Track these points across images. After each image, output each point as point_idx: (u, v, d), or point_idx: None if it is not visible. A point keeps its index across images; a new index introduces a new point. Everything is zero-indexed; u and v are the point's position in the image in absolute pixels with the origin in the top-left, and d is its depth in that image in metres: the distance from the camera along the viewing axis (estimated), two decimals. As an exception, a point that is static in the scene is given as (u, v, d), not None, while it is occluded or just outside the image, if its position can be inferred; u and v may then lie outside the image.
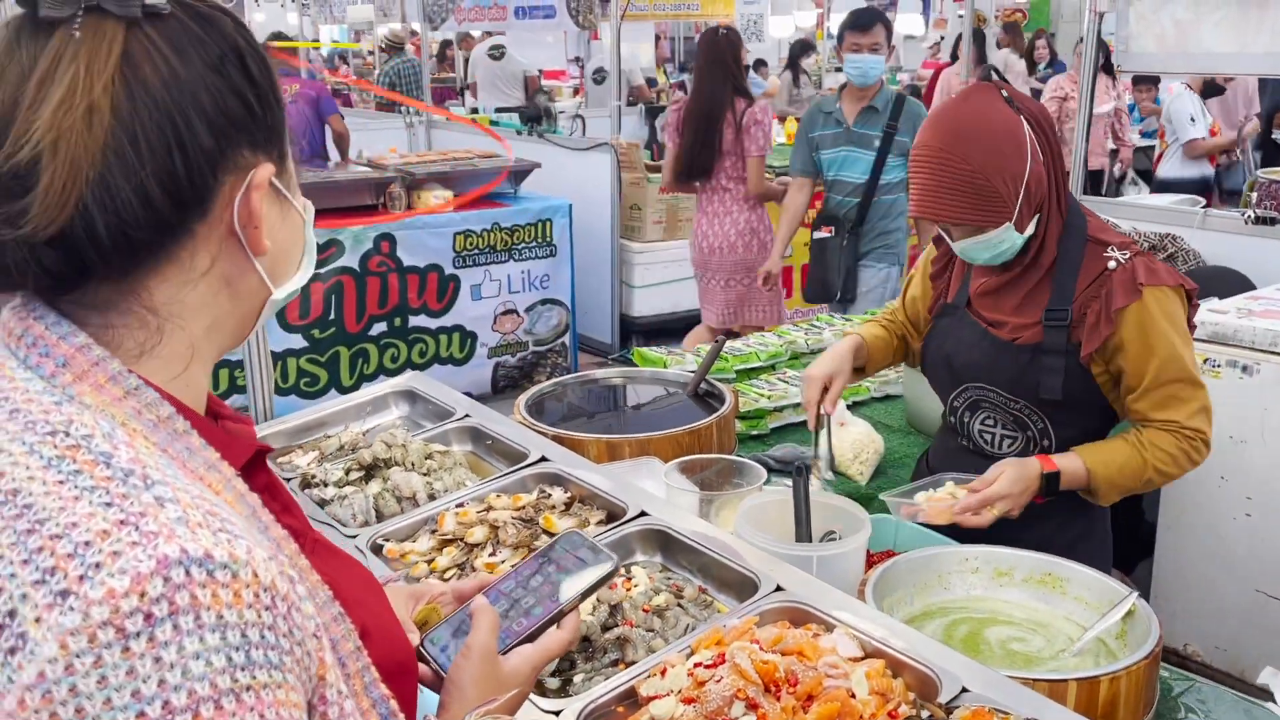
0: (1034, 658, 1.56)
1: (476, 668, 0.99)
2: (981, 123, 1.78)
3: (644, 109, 8.09)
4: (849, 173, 4.20)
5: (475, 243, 5.09)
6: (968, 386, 2.00)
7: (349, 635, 0.82)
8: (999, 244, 1.84)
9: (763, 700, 1.22)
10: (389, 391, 2.36)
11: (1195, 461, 1.87)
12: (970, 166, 1.76)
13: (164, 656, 0.63)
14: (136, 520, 0.66)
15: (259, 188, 0.81)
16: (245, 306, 0.86)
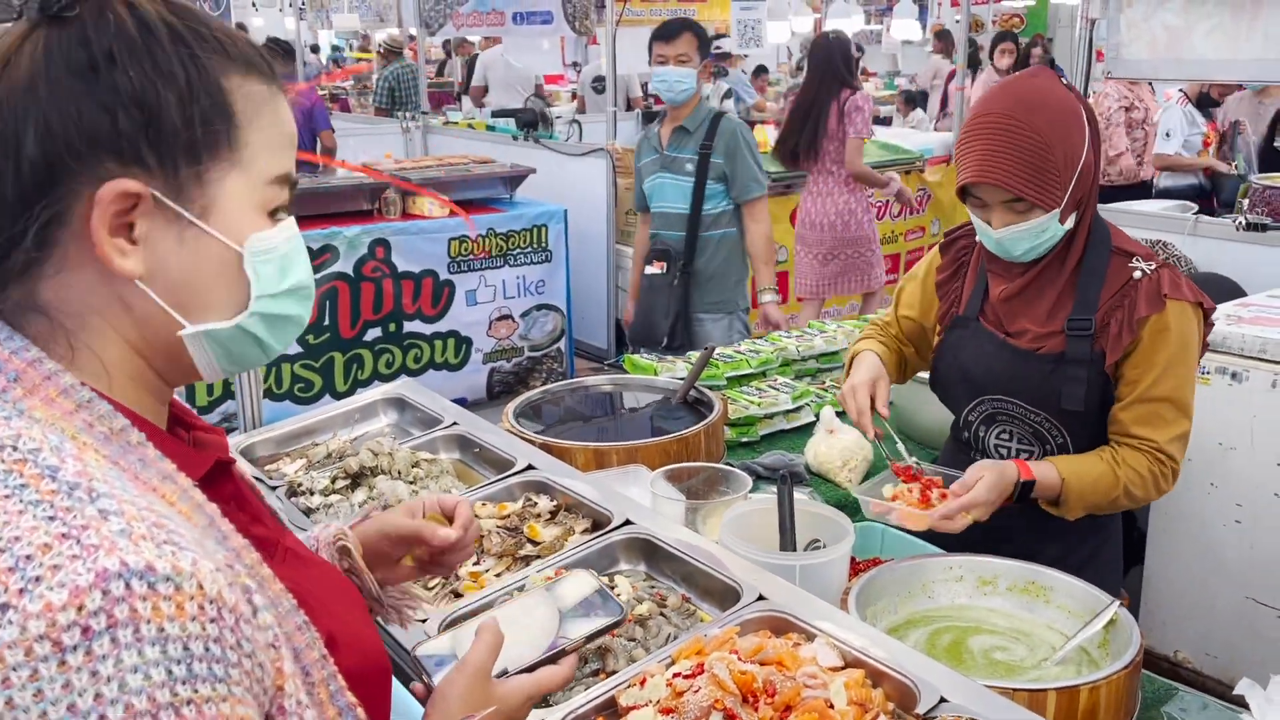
0: (1016, 667, 1.56)
1: (467, 682, 0.98)
2: (1049, 97, 1.74)
3: (640, 114, 8.09)
4: (668, 202, 3.89)
5: (470, 248, 5.10)
6: (984, 399, 1.94)
7: (313, 644, 0.82)
8: (1041, 233, 1.77)
9: (740, 711, 1.22)
10: (378, 399, 2.37)
11: (1162, 489, 1.83)
12: (1036, 135, 1.70)
13: (100, 670, 0.63)
14: (78, 534, 0.66)
15: (101, 203, 0.76)
16: (160, 336, 0.82)
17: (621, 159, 5.88)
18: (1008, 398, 1.90)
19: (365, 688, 0.87)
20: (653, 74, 3.81)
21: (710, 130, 3.74)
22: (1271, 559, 2.64)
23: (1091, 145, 1.76)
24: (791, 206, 6.09)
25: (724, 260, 3.87)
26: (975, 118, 1.77)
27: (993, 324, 1.92)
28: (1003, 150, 1.71)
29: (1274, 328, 2.66)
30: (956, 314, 1.99)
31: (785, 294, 6.17)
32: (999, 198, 1.75)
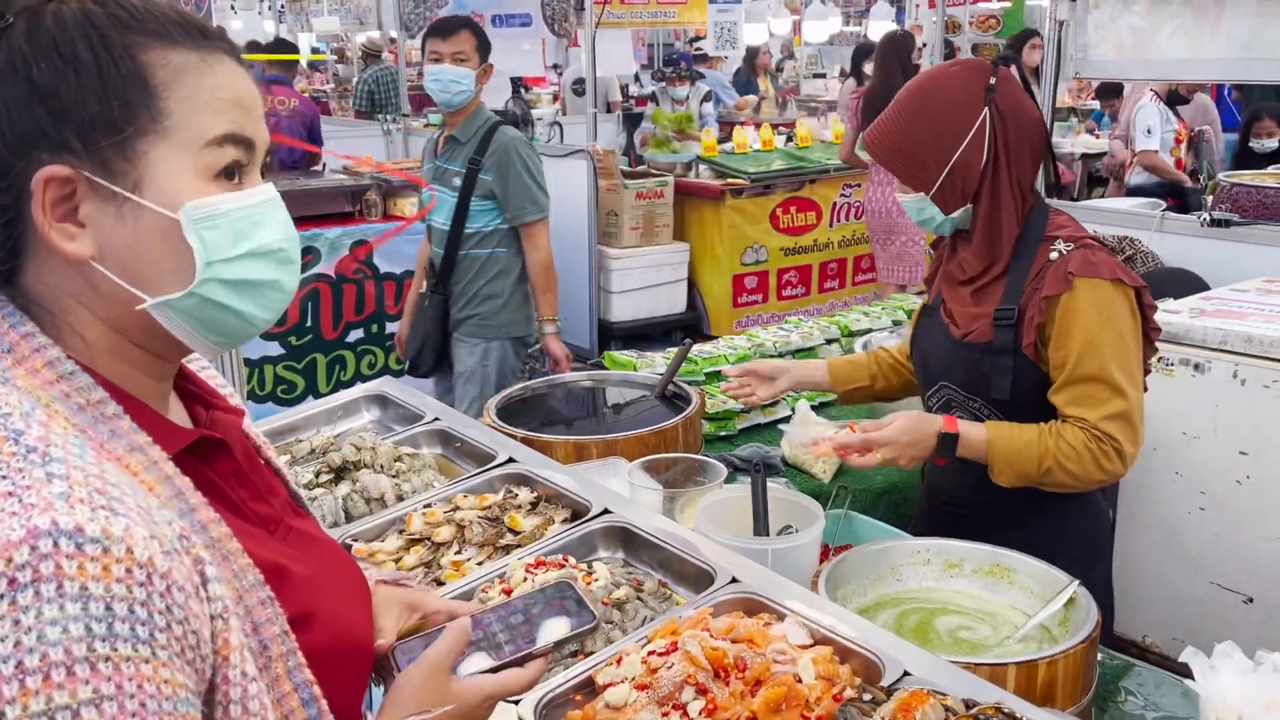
0: (980, 645, 1.62)
1: (423, 676, 0.98)
2: (939, 94, 1.83)
3: (620, 116, 8.14)
4: (436, 216, 3.60)
5: (452, 249, 5.13)
6: (940, 386, 2.01)
7: (276, 619, 0.84)
8: (920, 211, 1.90)
9: (712, 685, 1.27)
10: (360, 396, 2.41)
11: (1105, 470, 1.80)
12: (905, 125, 1.84)
13: (22, 620, 0.66)
14: (21, 493, 0.71)
15: (34, 192, 0.80)
16: (128, 311, 0.85)
17: (603, 160, 5.93)
18: (951, 384, 1.97)
19: (336, 668, 0.90)
20: (425, 72, 3.46)
21: (483, 143, 3.40)
22: (1234, 545, 2.72)
23: (980, 148, 1.81)
24: (771, 206, 6.17)
25: (491, 283, 3.52)
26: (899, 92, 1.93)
27: (945, 311, 1.99)
28: (881, 123, 1.88)
29: (1235, 320, 2.73)
30: (927, 304, 2.08)
31: (766, 294, 6.25)
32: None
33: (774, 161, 6.35)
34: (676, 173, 6.28)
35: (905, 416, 1.86)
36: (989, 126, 1.82)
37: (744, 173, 6.11)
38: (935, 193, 1.85)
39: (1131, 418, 1.81)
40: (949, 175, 1.83)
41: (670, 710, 1.25)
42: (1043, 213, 1.90)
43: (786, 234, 6.28)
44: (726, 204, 6.01)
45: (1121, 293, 1.81)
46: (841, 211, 6.48)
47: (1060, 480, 1.82)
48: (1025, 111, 1.87)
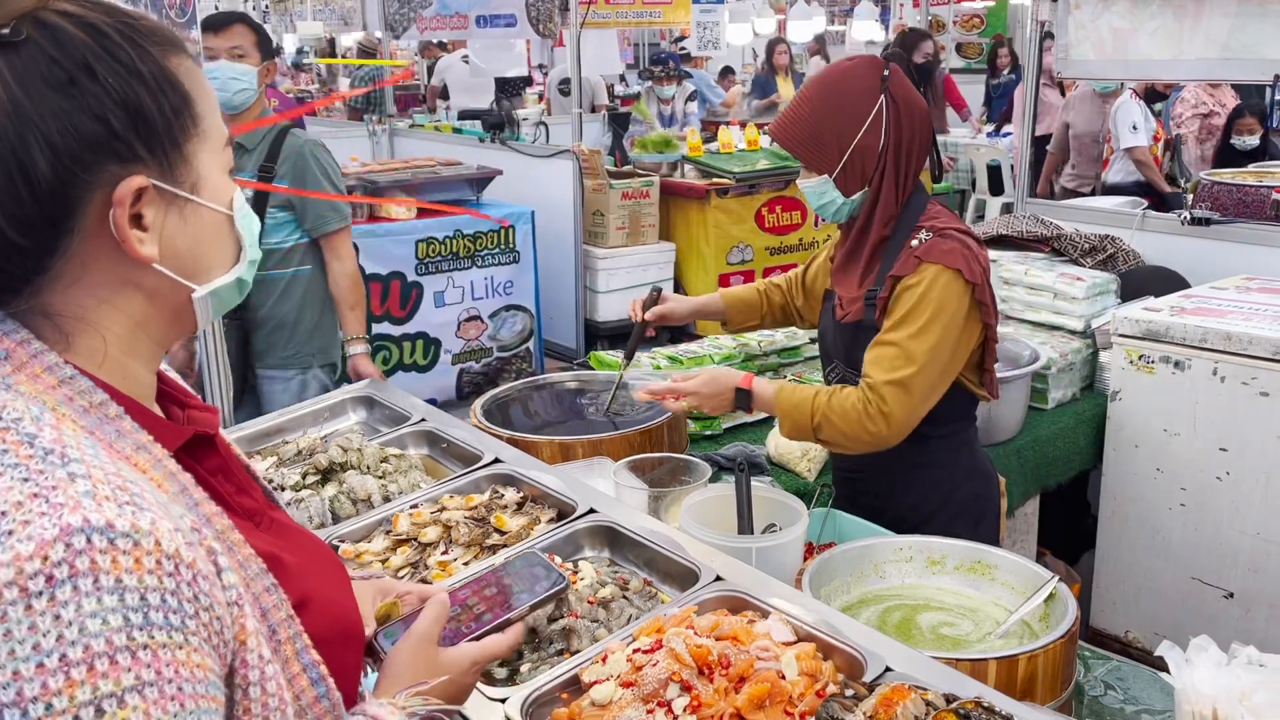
0: (962, 640, 1.64)
1: (412, 650, 1.03)
2: (841, 82, 1.96)
3: (606, 116, 8.14)
4: None
5: (438, 250, 5.13)
6: (834, 363, 2.13)
7: (281, 605, 0.88)
8: (821, 195, 2.00)
9: (696, 682, 1.29)
10: (347, 397, 2.42)
11: (870, 431, 1.88)
12: (809, 112, 1.96)
13: (63, 615, 0.69)
14: (48, 493, 0.73)
15: (120, 203, 0.82)
16: (169, 304, 0.90)
17: (588, 160, 5.93)
18: (839, 361, 2.11)
19: (334, 649, 0.93)
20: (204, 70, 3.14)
21: (273, 149, 3.09)
22: (1214, 540, 2.75)
23: (878, 132, 1.93)
24: (756, 206, 6.19)
25: (297, 305, 3.18)
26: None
27: (836, 298, 2.12)
28: (788, 113, 2.00)
29: (1214, 318, 2.76)
30: (828, 288, 2.19)
31: (751, 292, 6.27)
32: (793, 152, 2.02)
33: (759, 161, 6.36)
34: (662, 173, 6.28)
35: (710, 371, 2.07)
36: (885, 113, 1.94)
37: (729, 172, 6.11)
38: (837, 175, 1.96)
39: (912, 388, 1.88)
40: (850, 158, 1.94)
41: (655, 707, 1.27)
42: (920, 202, 2.01)
43: (772, 233, 6.29)
44: (712, 204, 6.02)
45: (959, 281, 1.90)
46: (827, 211, 6.51)
47: (831, 436, 1.94)
48: (916, 103, 2.00)
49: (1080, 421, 3.00)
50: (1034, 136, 4.17)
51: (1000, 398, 2.67)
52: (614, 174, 6.25)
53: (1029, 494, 2.87)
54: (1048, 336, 3.14)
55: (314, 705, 0.89)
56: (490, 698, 1.35)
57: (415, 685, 1.00)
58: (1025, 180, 4.07)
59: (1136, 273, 3.40)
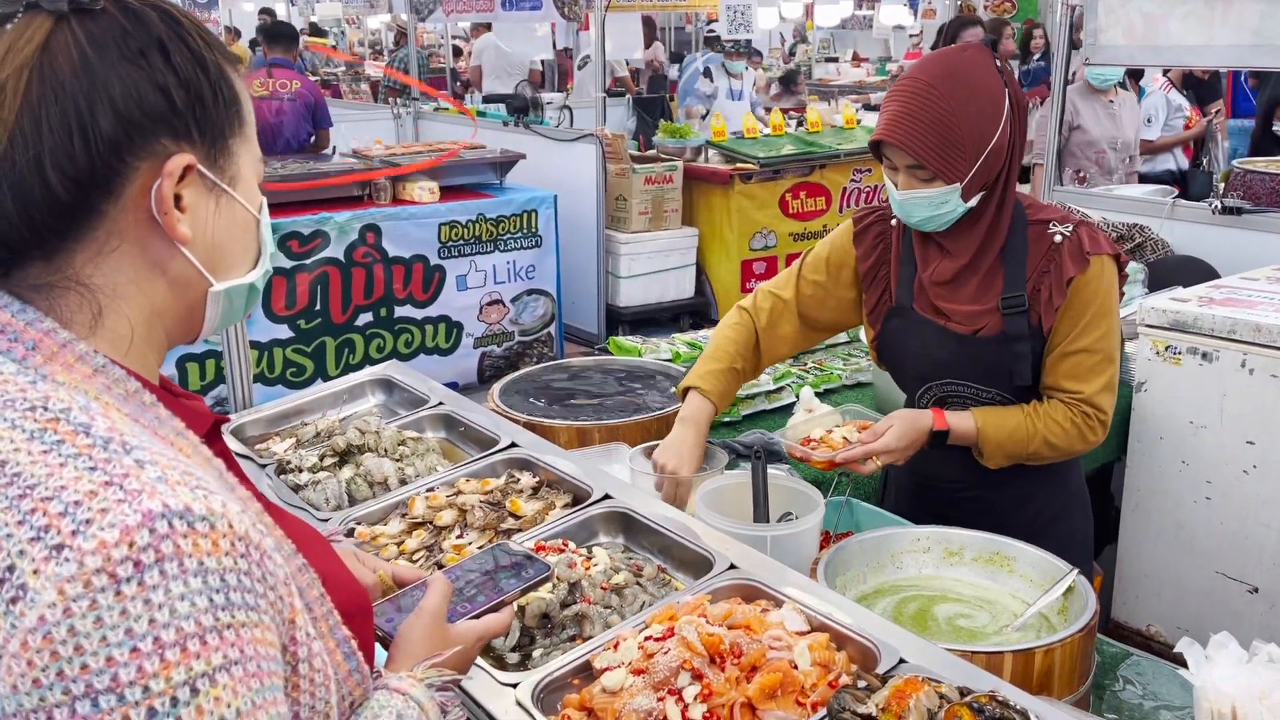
0: (979, 633, 1.62)
1: (426, 626, 1.06)
2: (971, 73, 1.77)
3: (630, 100, 8.13)
4: None
5: (460, 233, 5.14)
6: (932, 385, 1.98)
7: (313, 583, 0.90)
8: (940, 204, 1.81)
9: (708, 671, 1.28)
10: (366, 380, 2.42)
11: (1089, 441, 1.88)
12: (946, 106, 1.74)
13: (153, 598, 0.70)
14: (120, 481, 0.73)
15: (170, 175, 0.84)
16: (186, 296, 0.90)
17: (611, 145, 5.92)
18: (956, 380, 1.94)
19: (352, 622, 0.95)
20: None
21: None
22: (1240, 535, 2.71)
23: (1009, 130, 1.79)
24: (780, 192, 6.15)
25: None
26: (901, 80, 1.82)
27: (928, 310, 1.94)
28: (913, 115, 1.75)
29: (1244, 309, 2.72)
30: (890, 305, 1.99)
31: (774, 279, 6.24)
32: (903, 160, 1.79)
33: (784, 146, 6.32)
34: (685, 157, 6.26)
35: (900, 421, 1.88)
36: (1007, 109, 1.79)
37: (753, 157, 6.09)
38: (968, 181, 1.78)
39: (1114, 385, 1.89)
40: (984, 162, 1.78)
41: (666, 695, 1.26)
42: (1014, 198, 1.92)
43: (795, 219, 6.26)
44: (735, 189, 5.99)
45: (1114, 265, 1.88)
46: (852, 197, 6.46)
47: (1044, 455, 1.88)
48: (1022, 95, 1.87)
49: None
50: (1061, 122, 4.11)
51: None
52: (637, 158, 6.24)
53: (1051, 485, 2.84)
54: (1073, 326, 3.09)
55: (348, 679, 0.92)
56: (502, 683, 1.35)
57: (432, 657, 1.03)
58: (1053, 168, 4.02)
59: (1165, 262, 3.35)
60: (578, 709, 1.31)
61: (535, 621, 1.50)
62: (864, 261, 2.03)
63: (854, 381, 3.00)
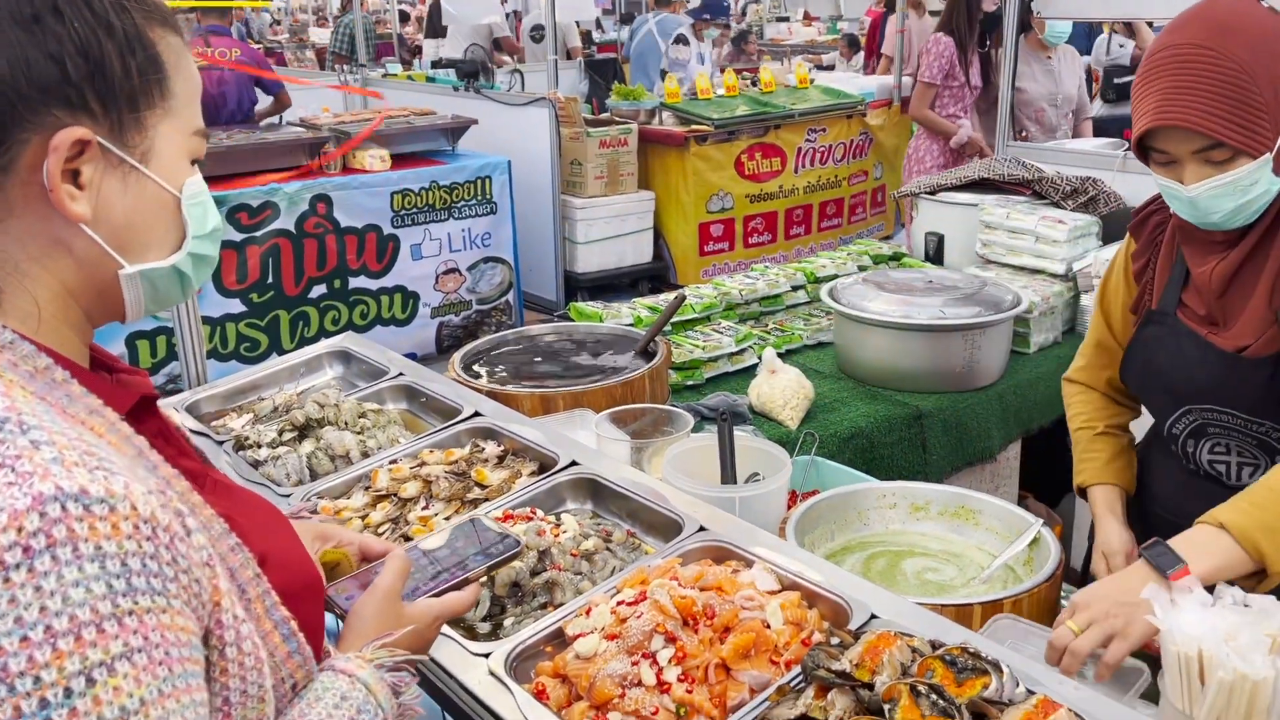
0: (946, 586, 1.64)
1: (379, 604, 1.04)
2: (1247, 19, 1.41)
3: (582, 62, 8.03)
4: None
5: (414, 202, 5.06)
6: (1191, 409, 1.62)
7: (247, 563, 0.87)
8: (1248, 188, 1.42)
9: (681, 633, 1.28)
10: (323, 352, 2.38)
11: None
12: (1233, 63, 1.38)
13: (44, 585, 0.67)
14: (12, 463, 0.70)
15: (56, 151, 0.79)
16: (97, 277, 0.86)
17: (565, 108, 5.85)
18: (1219, 407, 1.58)
19: (298, 602, 0.92)
20: None
21: None
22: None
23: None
24: (736, 153, 6.13)
25: None
26: (1155, 51, 1.45)
27: (1193, 319, 1.60)
28: (1192, 86, 1.39)
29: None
30: (1150, 306, 1.67)
31: (732, 242, 6.23)
32: (1189, 147, 1.42)
33: (738, 107, 6.28)
34: (640, 120, 6.20)
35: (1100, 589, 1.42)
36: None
37: (708, 119, 6.04)
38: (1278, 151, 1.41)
39: None
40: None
41: (640, 659, 1.26)
42: None
43: (751, 180, 6.24)
44: (691, 151, 5.95)
45: None
46: (806, 157, 6.45)
47: None
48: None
49: (1062, 365, 2.96)
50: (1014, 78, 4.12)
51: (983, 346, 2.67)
52: (591, 122, 6.17)
53: (1011, 439, 2.87)
54: (1029, 280, 3.12)
55: (287, 661, 0.89)
56: (474, 653, 1.34)
57: (382, 637, 1.00)
58: (1007, 122, 4.04)
59: (1118, 214, 3.38)
60: (552, 676, 1.31)
61: (506, 590, 1.49)
62: (1139, 258, 1.70)
63: (815, 342, 3.01)
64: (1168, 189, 1.48)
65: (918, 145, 5.41)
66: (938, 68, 5.13)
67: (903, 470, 2.58)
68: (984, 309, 2.68)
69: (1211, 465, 1.64)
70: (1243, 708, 1.12)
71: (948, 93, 5.19)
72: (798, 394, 2.50)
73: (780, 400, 2.48)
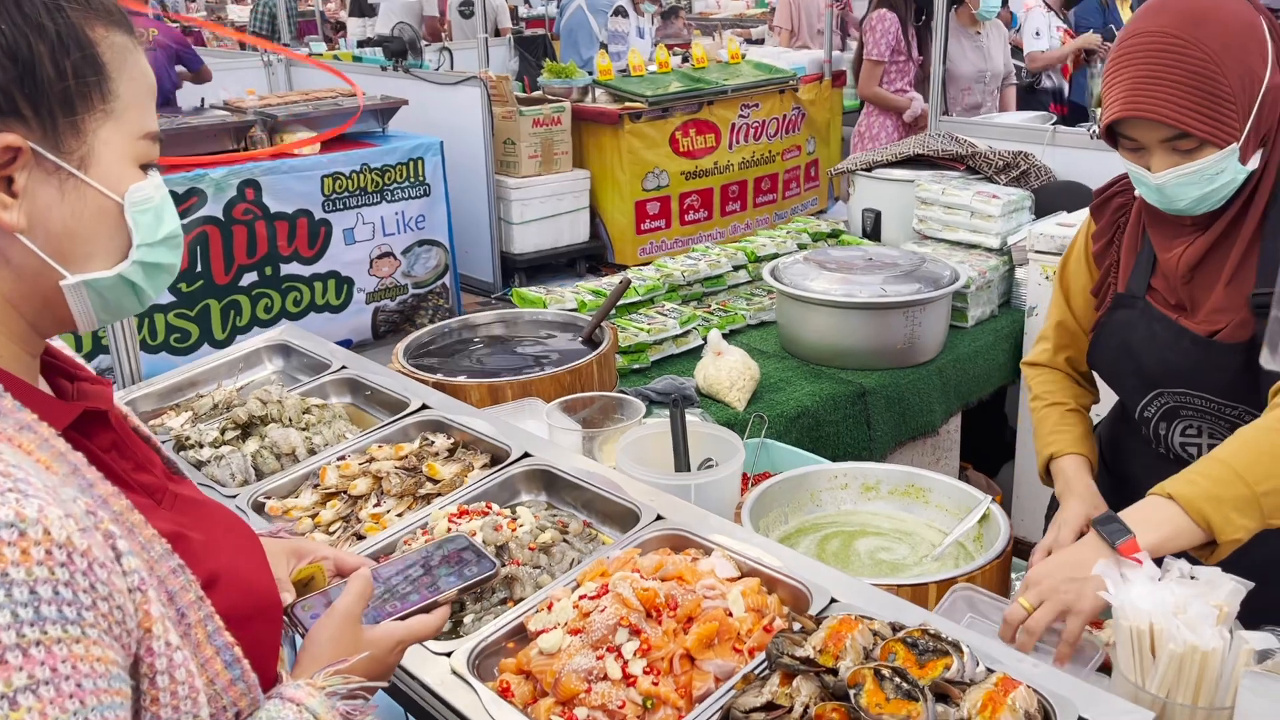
0: (900, 565, 1.66)
1: (335, 628, 1.00)
2: (1220, 9, 1.41)
3: (512, 39, 7.92)
4: None
5: (345, 185, 4.96)
6: (1163, 392, 1.62)
7: (189, 586, 0.83)
8: (1215, 176, 1.43)
9: (645, 625, 1.28)
10: (262, 346, 2.32)
11: None
12: (1202, 54, 1.38)
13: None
14: None
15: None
16: (39, 287, 0.83)
17: (496, 87, 5.77)
18: (1192, 391, 1.58)
19: (249, 627, 0.89)
20: None
21: None
22: (1127, 448, 2.84)
23: (1276, 65, 1.43)
24: (670, 130, 6.11)
25: None
26: (1128, 37, 1.45)
27: (1163, 303, 1.60)
28: (1160, 76, 1.40)
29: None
30: (1117, 290, 1.66)
31: (669, 220, 6.22)
32: (1156, 135, 1.43)
33: (671, 84, 6.25)
34: (573, 98, 6.14)
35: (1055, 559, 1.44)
36: (1269, 40, 1.44)
37: (641, 96, 6.01)
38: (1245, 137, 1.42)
39: None
40: (1258, 111, 1.42)
41: (605, 653, 1.26)
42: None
43: (687, 158, 6.23)
44: (625, 129, 5.92)
45: None
46: (740, 133, 6.45)
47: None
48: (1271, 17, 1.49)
49: (999, 338, 3.06)
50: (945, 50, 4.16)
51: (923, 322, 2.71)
52: (523, 100, 6.10)
53: (951, 412, 2.93)
54: (966, 255, 3.17)
55: (229, 689, 0.85)
56: (435, 652, 1.33)
57: (335, 664, 0.96)
58: (938, 95, 4.08)
59: (1049, 188, 3.45)
60: (515, 673, 1.30)
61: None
62: (1099, 239, 1.70)
63: (758, 321, 3.03)
64: (1136, 175, 1.50)
65: (870, 123, 5.43)
66: (885, 44, 5.17)
67: (848, 447, 2.61)
68: (924, 285, 2.72)
69: (1184, 448, 1.64)
70: (1193, 678, 1.16)
71: (894, 68, 5.23)
72: (744, 375, 2.52)
73: (727, 382, 2.49)
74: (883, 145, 5.22)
